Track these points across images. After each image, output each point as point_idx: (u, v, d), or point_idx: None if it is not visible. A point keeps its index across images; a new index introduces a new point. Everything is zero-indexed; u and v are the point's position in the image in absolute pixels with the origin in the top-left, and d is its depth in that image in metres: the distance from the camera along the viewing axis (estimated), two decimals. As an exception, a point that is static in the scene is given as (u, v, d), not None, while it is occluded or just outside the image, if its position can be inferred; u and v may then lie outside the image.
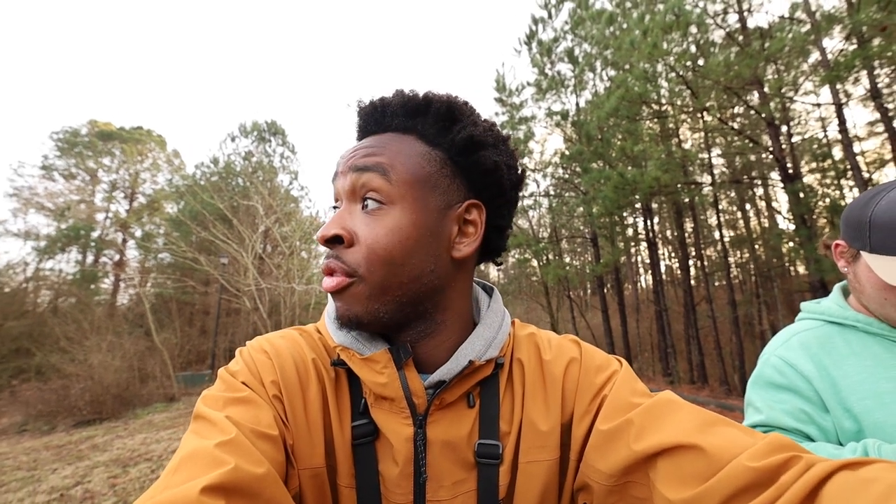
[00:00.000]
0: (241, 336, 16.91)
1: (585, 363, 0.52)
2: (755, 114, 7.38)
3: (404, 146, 0.49)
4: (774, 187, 9.57)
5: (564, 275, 11.48)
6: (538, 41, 11.09)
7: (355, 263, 0.46)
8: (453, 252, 0.49)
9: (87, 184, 21.60)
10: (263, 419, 0.43)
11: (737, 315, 10.79)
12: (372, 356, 0.47)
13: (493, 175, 0.50)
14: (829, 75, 5.73)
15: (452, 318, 0.51)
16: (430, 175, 0.48)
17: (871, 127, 11.38)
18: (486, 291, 0.59)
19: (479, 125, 0.50)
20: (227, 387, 0.46)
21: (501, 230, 0.55)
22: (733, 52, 6.89)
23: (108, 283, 20.96)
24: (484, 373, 0.49)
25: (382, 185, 0.46)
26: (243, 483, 0.35)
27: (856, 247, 0.77)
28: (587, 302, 19.49)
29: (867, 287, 0.77)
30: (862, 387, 0.73)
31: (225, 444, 0.37)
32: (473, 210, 0.51)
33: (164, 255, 19.31)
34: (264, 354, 0.49)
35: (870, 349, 0.77)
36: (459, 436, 0.48)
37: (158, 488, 0.34)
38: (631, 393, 0.47)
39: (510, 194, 0.53)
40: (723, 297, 12.82)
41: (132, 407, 9.45)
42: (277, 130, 23.79)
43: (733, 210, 16.59)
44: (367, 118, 0.52)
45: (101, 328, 11.93)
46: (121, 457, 5.17)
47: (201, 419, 0.42)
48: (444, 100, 0.50)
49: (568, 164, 10.85)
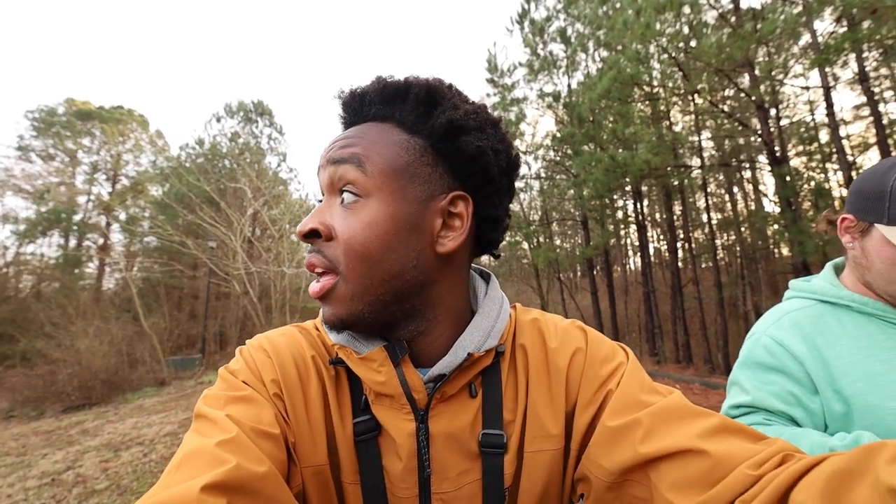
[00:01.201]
0: (231, 319, 16.86)
1: (591, 353, 0.51)
2: (745, 97, 7.39)
3: (382, 135, 0.47)
4: (762, 170, 9.66)
5: (555, 257, 11.56)
6: (530, 20, 10.88)
7: (335, 258, 0.45)
8: (437, 247, 0.47)
9: (66, 165, 20.93)
10: (264, 418, 0.42)
11: (722, 296, 11.02)
12: (368, 354, 0.46)
13: (478, 161, 0.47)
14: (818, 58, 5.73)
15: (445, 313, 0.49)
16: (408, 164, 0.46)
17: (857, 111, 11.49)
18: (482, 278, 0.58)
19: (461, 108, 0.47)
20: (228, 386, 0.46)
21: (494, 221, 0.51)
22: (725, 34, 6.84)
23: (92, 268, 20.57)
24: (484, 363, 0.49)
25: (358, 176, 0.45)
26: (244, 481, 0.35)
27: (869, 219, 0.73)
28: (577, 284, 19.73)
29: (877, 262, 0.72)
30: (855, 368, 0.71)
31: (226, 442, 0.37)
32: (459, 202, 0.48)
33: (151, 238, 19.00)
34: (264, 353, 0.49)
35: (864, 329, 0.75)
36: (462, 427, 0.47)
37: (160, 487, 0.35)
38: (639, 389, 0.47)
39: (501, 181, 0.50)
40: (709, 279, 13.08)
41: (122, 392, 9.43)
42: (265, 111, 23.22)
43: (721, 193, 16.77)
44: (346, 108, 0.50)
45: (86, 313, 11.79)
46: (112, 441, 5.18)
47: (202, 418, 0.42)
48: (424, 83, 0.47)
49: (559, 146, 10.80)
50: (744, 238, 13.85)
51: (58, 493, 3.61)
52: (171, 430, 5.53)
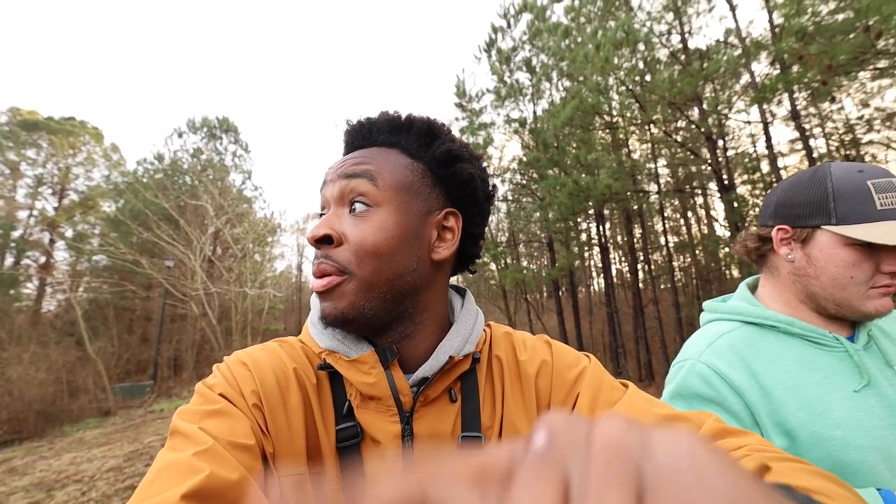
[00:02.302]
0: (188, 343, 15.90)
1: (557, 361, 0.57)
2: (696, 128, 7.95)
3: (390, 157, 0.54)
4: (712, 197, 10.35)
5: (522, 278, 11.75)
6: (497, 49, 11.34)
7: (346, 261, 0.49)
8: (433, 254, 0.53)
9: (6, 178, 19.48)
10: (239, 430, 0.43)
11: (680, 316, 11.51)
12: (359, 357, 0.50)
13: (469, 186, 0.56)
14: (757, 96, 6.28)
15: (430, 319, 0.54)
16: (412, 183, 0.53)
17: (792, 144, 12.57)
18: (458, 294, 0.63)
19: (456, 142, 0.57)
20: (204, 400, 0.46)
21: (475, 238, 0.60)
22: (676, 70, 7.39)
23: (31, 288, 18.95)
24: (462, 367, 0.53)
25: (370, 189, 0.51)
26: (218, 490, 0.36)
27: (812, 224, 0.70)
28: (543, 304, 20.06)
29: (830, 267, 0.69)
30: (794, 396, 0.66)
31: (201, 453, 0.38)
32: (451, 217, 0.55)
33: (100, 257, 17.81)
34: (243, 366, 0.50)
35: (793, 351, 0.70)
36: (444, 430, 0.50)
37: (136, 500, 0.34)
38: (603, 387, 0.52)
39: (483, 205, 0.59)
40: (668, 300, 13.65)
41: (59, 424, 8.62)
42: (230, 127, 22.67)
43: (677, 217, 17.75)
44: (355, 134, 0.57)
45: (21, 337, 10.82)
46: (45, 480, 4.70)
47: (177, 434, 0.42)
48: (425, 120, 0.56)
49: (525, 170, 11.14)
50: (698, 260, 14.64)
51: (-23, 542, 3.22)
52: (114, 464, 5.08)
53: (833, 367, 0.68)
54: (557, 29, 8.77)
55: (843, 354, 0.70)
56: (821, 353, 0.70)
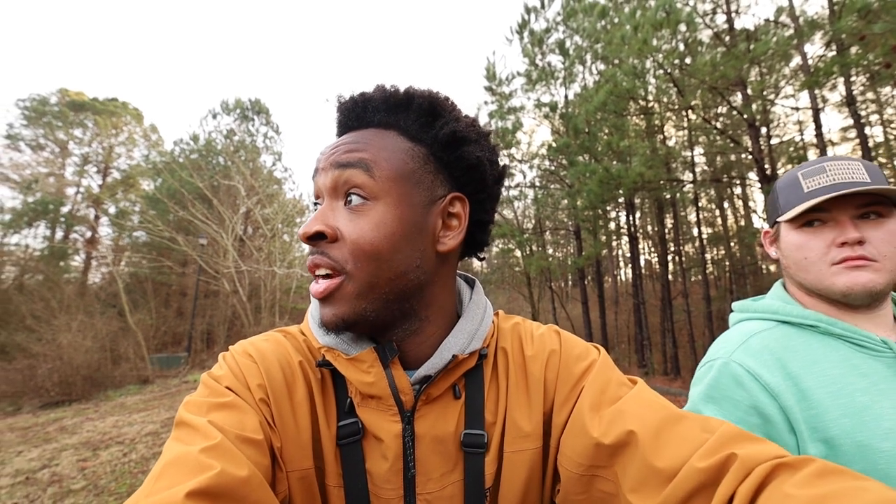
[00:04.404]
0: (220, 318, 16.64)
1: (565, 353, 0.53)
2: (737, 115, 7.52)
3: (387, 142, 0.48)
4: (752, 187, 9.84)
5: (547, 266, 11.61)
6: (530, 31, 10.99)
7: (342, 259, 0.45)
8: (438, 246, 0.50)
9: (56, 156, 20.61)
10: (248, 424, 0.42)
11: (711, 310, 11.14)
12: (358, 356, 0.47)
13: (477, 170, 0.51)
14: (808, 80, 5.85)
15: (436, 314, 0.51)
16: (413, 171, 0.48)
17: (845, 133, 11.75)
18: (467, 283, 0.60)
19: (462, 121, 0.50)
20: (211, 392, 0.45)
21: (484, 225, 0.55)
22: (720, 53, 6.97)
23: (78, 261, 20.21)
24: (468, 364, 0.50)
25: (366, 181, 0.46)
26: (228, 487, 0.35)
27: (774, 221, 0.77)
28: (568, 293, 19.83)
29: (789, 254, 0.73)
30: (836, 402, 0.61)
31: (209, 448, 0.37)
32: (457, 203, 0.51)
33: (140, 233, 18.74)
34: (249, 358, 0.49)
35: (835, 354, 0.65)
36: (447, 428, 0.49)
37: (142, 494, 0.34)
38: (610, 383, 0.49)
39: (493, 189, 0.54)
40: (698, 293, 13.22)
41: (103, 389, 9.23)
42: (261, 109, 23.12)
43: (712, 208, 17.02)
44: (347, 113, 0.51)
45: (70, 307, 11.56)
46: (91, 439, 5.06)
47: (184, 426, 0.41)
48: (426, 95, 0.50)
49: (554, 156, 10.87)
50: (733, 253, 14.06)
51: (31, 493, 3.51)
52: (152, 429, 5.42)
53: (881, 373, 0.63)
54: (594, 9, 8.41)
55: (891, 360, 0.64)
56: (866, 358, 0.64)
